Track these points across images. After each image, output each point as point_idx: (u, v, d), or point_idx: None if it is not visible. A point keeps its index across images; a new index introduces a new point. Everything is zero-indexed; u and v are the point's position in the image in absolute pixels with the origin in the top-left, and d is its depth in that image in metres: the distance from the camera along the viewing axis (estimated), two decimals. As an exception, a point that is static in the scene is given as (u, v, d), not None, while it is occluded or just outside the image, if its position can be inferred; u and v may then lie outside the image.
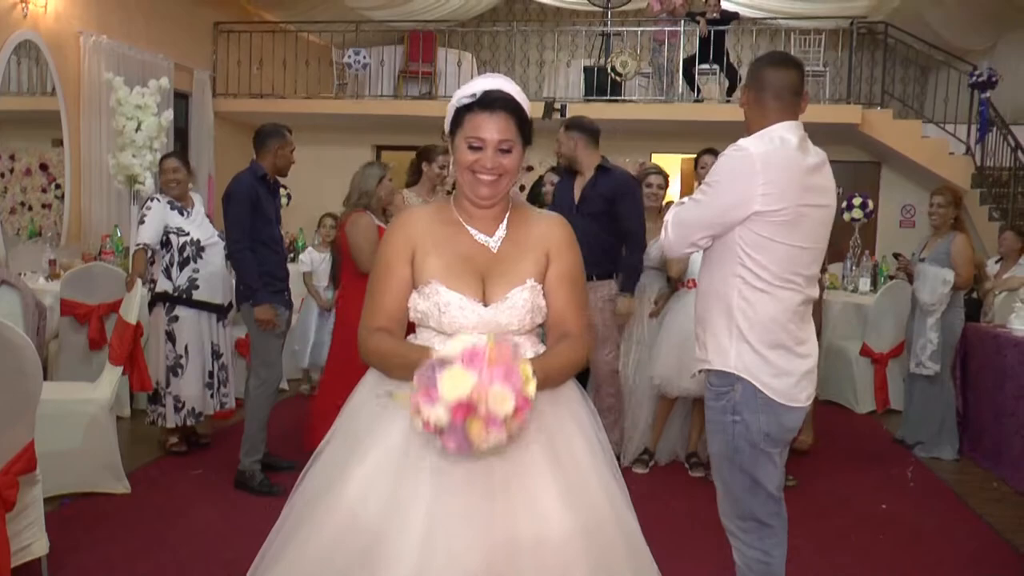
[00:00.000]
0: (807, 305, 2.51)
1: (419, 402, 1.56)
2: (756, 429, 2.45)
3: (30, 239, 7.39)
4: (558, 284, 1.94)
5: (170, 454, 4.75)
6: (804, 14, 10.90)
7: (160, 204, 4.68)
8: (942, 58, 10.25)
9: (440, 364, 1.56)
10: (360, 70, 10.68)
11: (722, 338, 2.47)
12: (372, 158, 11.88)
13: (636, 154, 10.98)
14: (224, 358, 4.92)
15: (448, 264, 1.88)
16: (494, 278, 1.89)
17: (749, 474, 2.51)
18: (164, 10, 9.41)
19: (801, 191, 2.41)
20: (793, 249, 2.42)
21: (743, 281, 2.43)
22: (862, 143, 10.31)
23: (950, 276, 4.97)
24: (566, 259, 1.96)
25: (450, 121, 1.90)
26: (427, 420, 1.55)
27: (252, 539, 1.97)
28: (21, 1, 7.24)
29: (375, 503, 1.73)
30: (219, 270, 4.82)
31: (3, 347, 2.68)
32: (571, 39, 12.47)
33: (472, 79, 1.95)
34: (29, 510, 2.93)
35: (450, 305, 1.84)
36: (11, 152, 7.40)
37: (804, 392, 2.49)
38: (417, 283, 1.89)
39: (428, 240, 1.91)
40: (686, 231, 2.51)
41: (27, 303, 4.53)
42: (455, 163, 1.90)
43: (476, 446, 1.56)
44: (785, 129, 2.48)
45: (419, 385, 1.57)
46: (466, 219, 1.94)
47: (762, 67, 2.59)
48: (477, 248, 1.92)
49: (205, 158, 10.09)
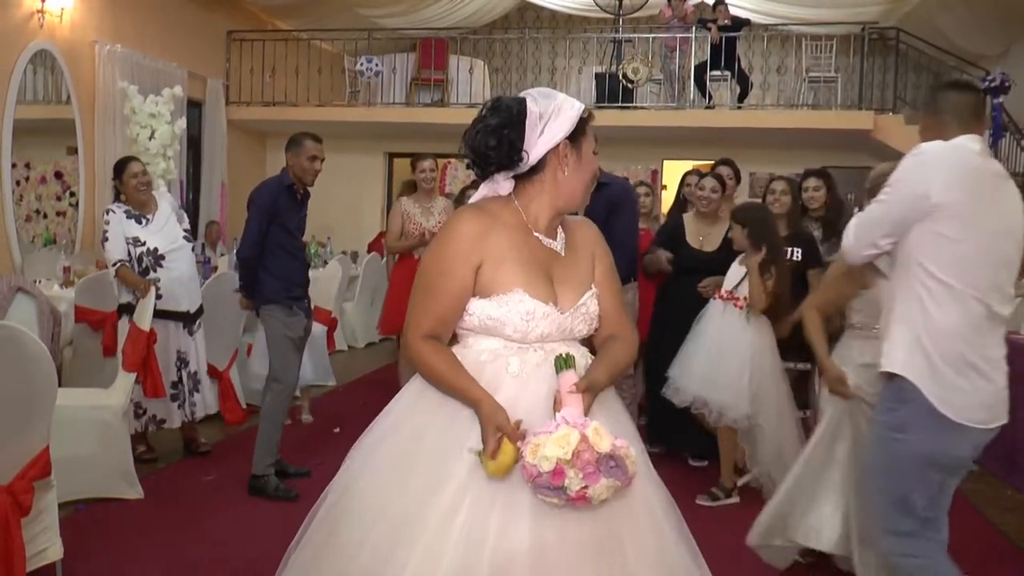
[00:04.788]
0: (994, 321, 2.45)
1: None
2: (921, 452, 2.42)
3: (45, 246, 7.45)
4: (604, 283, 2.00)
5: (140, 461, 4.52)
6: (816, 20, 10.87)
7: (117, 216, 4.54)
8: (954, 63, 10.21)
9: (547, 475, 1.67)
10: (372, 78, 10.73)
11: (899, 348, 2.44)
12: (384, 166, 11.98)
13: (647, 161, 10.99)
14: (193, 366, 4.76)
15: (527, 271, 1.87)
16: (562, 284, 1.91)
17: (903, 493, 2.47)
18: (178, 19, 9.48)
19: (980, 189, 2.42)
20: (974, 254, 2.39)
21: (923, 287, 2.41)
22: (874, 149, 10.26)
23: None
24: (607, 259, 2.04)
25: (573, 126, 1.90)
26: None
27: (264, 545, 1.99)
28: (38, 11, 7.32)
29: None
30: (183, 275, 4.66)
31: (19, 354, 2.71)
32: (583, 46, 12.49)
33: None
34: (44, 515, 2.95)
35: (534, 313, 1.84)
36: (26, 160, 7.47)
37: (983, 414, 2.43)
38: (491, 291, 1.85)
39: (501, 247, 1.87)
40: (868, 232, 2.51)
41: (42, 310, 4.56)
42: (579, 168, 1.92)
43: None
44: (966, 139, 2.49)
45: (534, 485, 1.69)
46: (535, 225, 1.94)
47: (940, 91, 2.63)
48: (547, 254, 1.93)
49: (218, 166, 10.16)
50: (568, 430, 1.67)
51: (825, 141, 10.30)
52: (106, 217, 4.58)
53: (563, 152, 1.89)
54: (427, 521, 1.72)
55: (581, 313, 1.90)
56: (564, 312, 1.87)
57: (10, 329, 2.76)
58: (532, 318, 1.83)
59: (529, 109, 1.88)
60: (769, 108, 10.89)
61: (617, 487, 1.70)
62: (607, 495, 1.69)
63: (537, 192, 1.92)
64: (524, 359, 1.85)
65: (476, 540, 1.68)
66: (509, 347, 1.86)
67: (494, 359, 1.86)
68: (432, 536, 1.70)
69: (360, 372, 7.47)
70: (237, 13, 10.67)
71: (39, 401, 2.81)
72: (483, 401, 1.75)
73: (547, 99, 1.90)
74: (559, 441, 1.66)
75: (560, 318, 1.86)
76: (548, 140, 1.87)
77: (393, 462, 1.84)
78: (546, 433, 1.68)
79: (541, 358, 1.84)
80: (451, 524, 1.70)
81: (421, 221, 5.56)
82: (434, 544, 1.69)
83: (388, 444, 1.88)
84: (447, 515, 1.71)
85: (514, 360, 1.84)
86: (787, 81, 11.26)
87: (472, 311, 1.87)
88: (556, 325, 1.86)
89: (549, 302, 1.85)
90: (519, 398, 1.80)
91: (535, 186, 1.92)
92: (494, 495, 1.72)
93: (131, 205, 4.62)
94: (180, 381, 4.71)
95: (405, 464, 1.81)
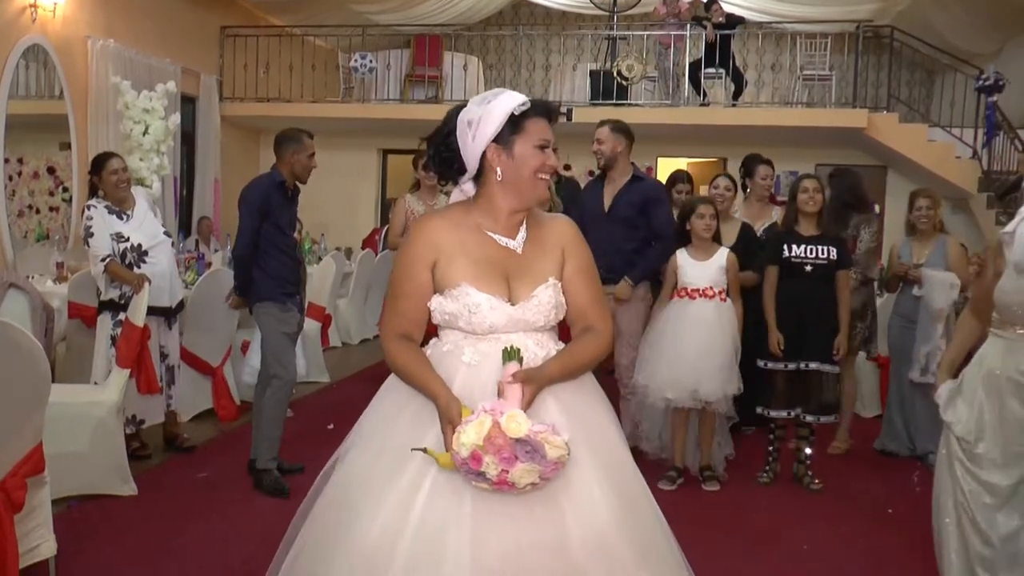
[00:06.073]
0: None
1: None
2: None
3: (38, 242, 7.43)
4: (576, 278, 2.04)
5: (134, 458, 4.45)
6: (810, 18, 10.90)
7: (99, 211, 4.51)
8: (948, 62, 10.23)
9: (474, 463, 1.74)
10: (366, 74, 10.72)
11: None
12: (378, 162, 11.97)
13: (641, 158, 10.99)
14: (170, 359, 4.78)
15: (476, 267, 1.96)
16: (518, 279, 1.98)
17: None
18: (171, 15, 9.46)
19: None
20: None
21: None
22: (868, 147, 10.30)
23: (956, 280, 4.93)
24: (581, 255, 2.07)
25: (498, 128, 1.95)
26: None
27: (258, 542, 1.99)
28: (30, 6, 7.28)
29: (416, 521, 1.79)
30: (165, 270, 4.63)
31: (12, 349, 2.70)
32: (577, 43, 12.50)
33: (484, 90, 2.01)
34: (37, 512, 2.93)
35: (480, 306, 1.92)
36: (19, 155, 7.44)
37: None
38: (443, 287, 1.97)
39: (453, 246, 1.98)
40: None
41: (35, 305, 4.55)
42: (513, 168, 1.96)
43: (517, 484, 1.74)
44: None
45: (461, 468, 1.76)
46: (490, 225, 2.02)
47: None
48: (502, 252, 2.01)
49: (212, 162, 10.14)
50: (484, 417, 1.74)
51: (819, 139, 10.33)
52: (88, 213, 4.52)
53: (492, 155, 1.96)
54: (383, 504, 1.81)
55: (533, 305, 1.95)
56: (515, 304, 1.95)
57: (3, 325, 2.74)
58: (478, 310, 1.92)
59: (459, 119, 1.98)
60: (764, 106, 10.91)
61: (539, 471, 1.74)
62: (529, 479, 1.74)
63: (489, 193, 2.01)
64: (477, 349, 1.94)
65: (429, 529, 1.76)
66: (468, 339, 1.96)
67: (454, 349, 1.97)
68: (387, 520, 1.79)
69: (354, 368, 7.46)
70: (231, 9, 10.64)
71: (32, 397, 2.80)
72: (439, 396, 1.85)
73: (481, 104, 1.97)
74: (475, 427, 1.73)
75: (510, 310, 1.94)
76: (478, 145, 1.96)
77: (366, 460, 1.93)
78: (468, 422, 1.76)
79: (494, 348, 1.92)
80: (407, 513, 1.79)
81: None
82: (389, 527, 1.78)
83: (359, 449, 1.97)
84: (403, 502, 1.80)
85: (469, 350, 1.95)
86: (781, 79, 11.29)
87: (433, 307, 1.99)
88: (506, 317, 1.93)
89: (497, 295, 1.94)
90: (472, 387, 1.89)
91: (486, 188, 2.02)
92: (446, 485, 1.80)
93: (110, 201, 4.57)
94: (160, 375, 4.68)
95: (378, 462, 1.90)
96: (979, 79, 9.36)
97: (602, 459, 1.90)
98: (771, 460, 4.65)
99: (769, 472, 4.64)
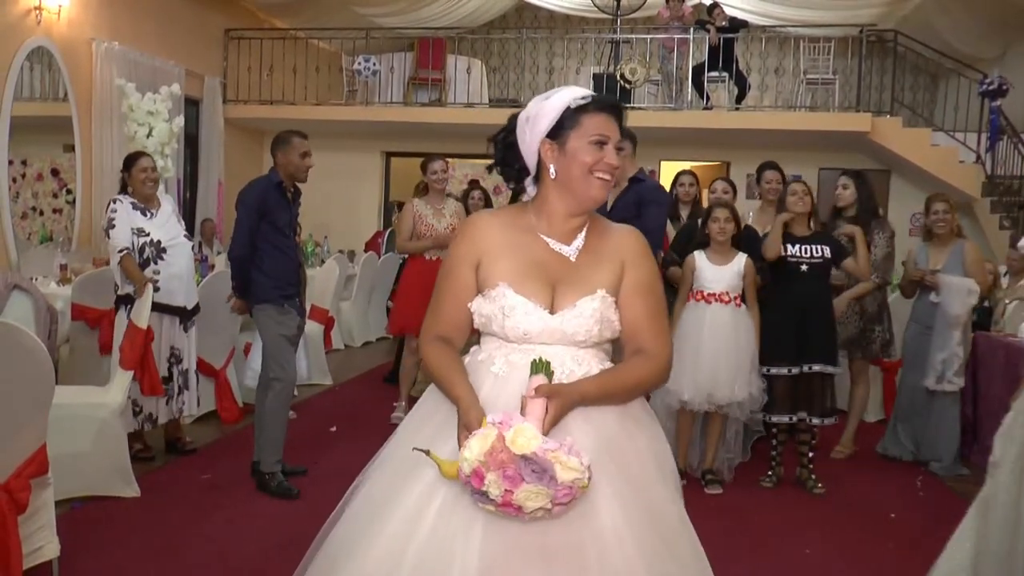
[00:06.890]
0: None
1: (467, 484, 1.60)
2: None
3: (41, 244, 7.44)
4: (633, 294, 1.87)
5: (137, 460, 4.48)
6: (813, 22, 10.89)
7: (124, 205, 4.57)
8: (952, 66, 10.23)
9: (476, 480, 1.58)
10: (370, 77, 10.73)
11: None
12: (381, 165, 11.98)
13: (645, 162, 10.99)
14: (185, 364, 4.80)
15: (518, 268, 1.84)
16: (565, 287, 1.83)
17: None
18: (175, 17, 9.48)
19: None
20: None
21: None
22: (871, 151, 10.29)
23: (975, 286, 4.88)
24: (642, 269, 1.90)
25: (553, 123, 1.85)
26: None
27: (261, 543, 1.98)
28: (35, 8, 7.30)
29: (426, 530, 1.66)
30: (182, 271, 4.69)
31: (16, 351, 2.70)
32: (580, 46, 12.50)
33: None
34: (41, 513, 2.94)
35: (515, 309, 1.80)
36: (23, 157, 7.46)
37: None
38: (484, 287, 1.85)
39: (500, 246, 1.87)
40: None
41: (38, 307, 4.54)
42: (566, 165, 1.84)
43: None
44: None
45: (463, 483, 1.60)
46: (544, 229, 1.90)
47: None
48: (552, 257, 1.87)
49: (215, 164, 10.16)
50: (489, 430, 1.58)
51: (822, 143, 10.32)
52: (112, 206, 4.59)
53: (545, 151, 1.86)
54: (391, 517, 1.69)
55: (573, 315, 1.80)
56: (555, 313, 1.81)
57: (7, 326, 2.75)
58: (512, 313, 1.79)
59: (520, 116, 1.89)
60: (767, 109, 10.91)
61: (549, 495, 1.54)
62: (538, 503, 1.55)
63: (544, 194, 1.90)
64: (508, 359, 1.81)
65: (439, 543, 1.64)
66: (502, 348, 1.83)
67: (486, 359, 1.85)
68: (393, 535, 1.67)
69: (356, 371, 7.46)
70: (235, 11, 10.66)
71: (36, 399, 2.81)
72: (461, 399, 1.72)
73: (539, 101, 1.88)
74: (479, 441, 1.58)
75: (547, 318, 1.80)
76: (533, 141, 1.87)
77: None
78: (474, 435, 1.61)
79: (525, 360, 1.77)
80: (416, 525, 1.66)
81: (433, 222, 5.56)
82: (396, 543, 1.65)
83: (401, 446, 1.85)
84: (412, 515, 1.68)
85: (500, 360, 1.82)
86: (785, 83, 11.28)
87: (473, 308, 1.87)
88: (542, 324, 1.80)
89: (536, 300, 1.80)
90: (498, 397, 1.75)
91: (542, 188, 1.91)
92: (457, 499, 1.66)
93: (137, 198, 4.65)
94: (171, 378, 4.71)
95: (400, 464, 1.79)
96: (983, 83, 9.36)
97: (635, 497, 1.69)
98: (774, 464, 4.65)
99: (772, 476, 4.64)
